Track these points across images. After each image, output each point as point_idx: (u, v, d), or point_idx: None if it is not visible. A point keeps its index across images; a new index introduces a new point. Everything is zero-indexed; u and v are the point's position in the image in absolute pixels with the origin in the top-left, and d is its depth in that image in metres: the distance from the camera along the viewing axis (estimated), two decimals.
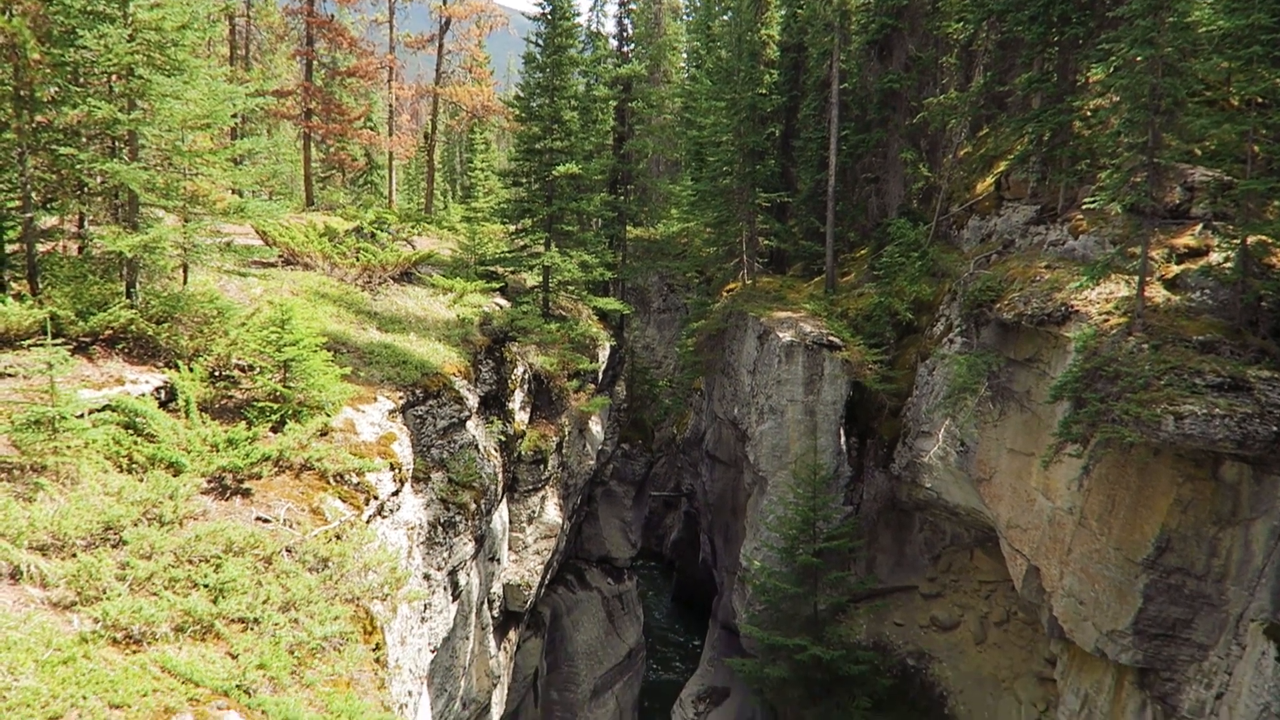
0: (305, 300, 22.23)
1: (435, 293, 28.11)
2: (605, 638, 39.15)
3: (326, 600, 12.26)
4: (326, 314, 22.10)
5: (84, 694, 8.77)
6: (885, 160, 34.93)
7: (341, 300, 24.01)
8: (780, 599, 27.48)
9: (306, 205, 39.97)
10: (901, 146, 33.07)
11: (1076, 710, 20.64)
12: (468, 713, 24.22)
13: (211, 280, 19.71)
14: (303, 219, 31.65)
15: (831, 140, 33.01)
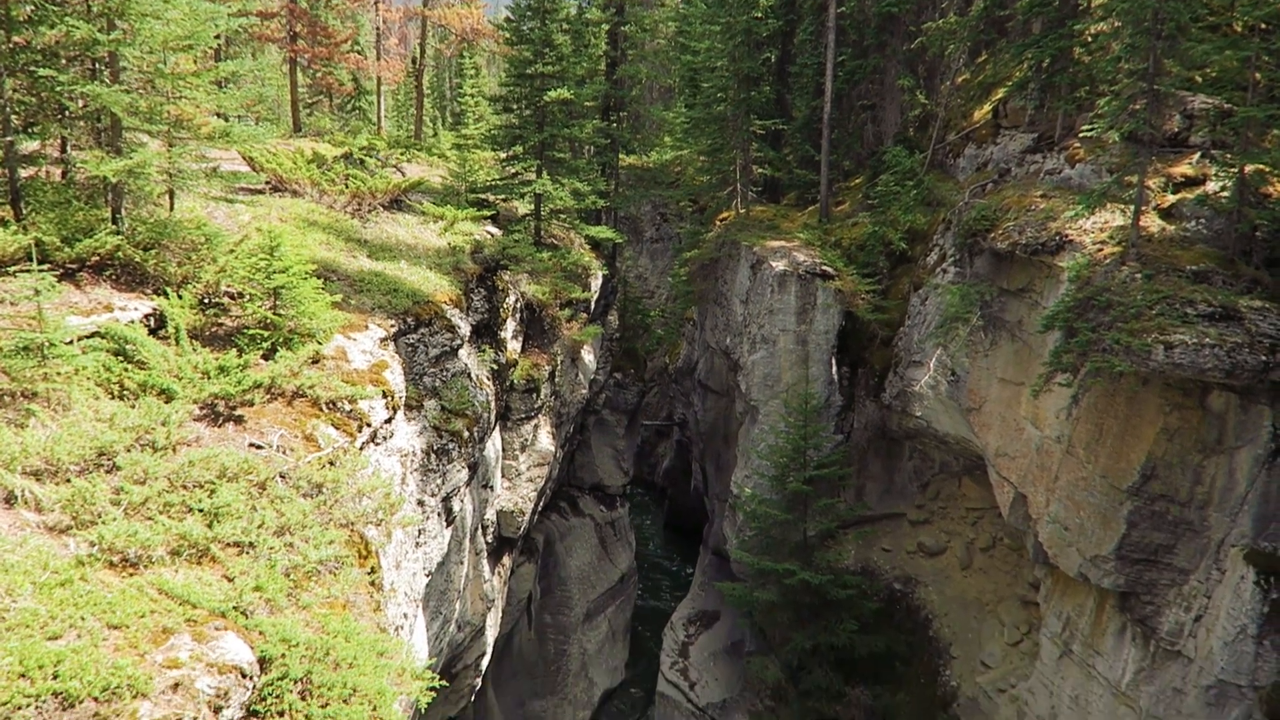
0: (294, 227, 21.99)
1: (426, 220, 27.84)
2: (598, 563, 39.80)
3: (321, 525, 12.39)
4: (316, 241, 21.89)
5: (82, 615, 8.89)
6: (882, 87, 34.40)
7: (331, 228, 23.77)
8: (770, 525, 27.87)
9: (293, 131, 39.30)
10: (899, 73, 32.54)
11: (1058, 632, 21.13)
12: (463, 635, 24.71)
13: (198, 207, 19.47)
14: (290, 145, 31.15)
15: (828, 66, 32.44)
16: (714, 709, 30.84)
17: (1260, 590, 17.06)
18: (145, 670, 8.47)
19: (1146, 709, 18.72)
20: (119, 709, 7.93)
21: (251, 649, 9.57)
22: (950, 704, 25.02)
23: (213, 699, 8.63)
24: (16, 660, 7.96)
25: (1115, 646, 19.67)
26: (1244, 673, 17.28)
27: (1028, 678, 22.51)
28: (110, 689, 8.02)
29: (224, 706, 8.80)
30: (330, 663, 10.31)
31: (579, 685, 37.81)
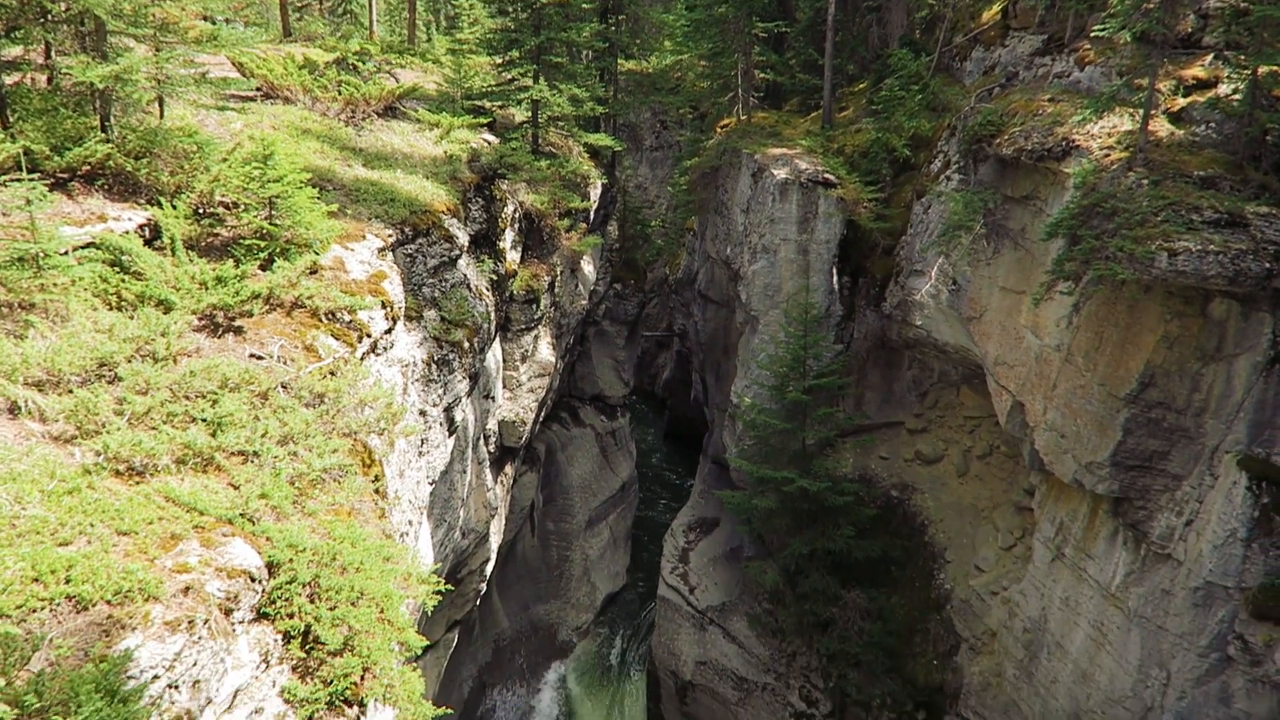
0: (287, 135, 21.60)
1: (421, 128, 27.34)
2: (599, 472, 40.35)
3: (324, 434, 12.49)
4: (310, 150, 21.54)
5: (91, 522, 9.02)
6: None
7: (324, 136, 23.36)
8: (770, 434, 28.13)
9: (284, 36, 38.27)
10: None
11: (1051, 537, 21.52)
12: (467, 542, 25.20)
13: (189, 114, 19.08)
14: (280, 51, 30.37)
15: None
16: (713, 612, 31.64)
17: (1251, 495, 17.31)
18: (156, 575, 8.64)
19: (1134, 609, 19.19)
20: (132, 611, 8.11)
21: (259, 554, 9.76)
22: (943, 606, 25.66)
23: (223, 602, 8.83)
24: (29, 565, 8.11)
25: (1106, 550, 20.05)
26: (1231, 575, 17.65)
27: (1020, 581, 23.02)
28: (122, 592, 8.20)
29: (234, 609, 9.01)
30: (337, 567, 10.52)
31: (582, 589, 38.75)
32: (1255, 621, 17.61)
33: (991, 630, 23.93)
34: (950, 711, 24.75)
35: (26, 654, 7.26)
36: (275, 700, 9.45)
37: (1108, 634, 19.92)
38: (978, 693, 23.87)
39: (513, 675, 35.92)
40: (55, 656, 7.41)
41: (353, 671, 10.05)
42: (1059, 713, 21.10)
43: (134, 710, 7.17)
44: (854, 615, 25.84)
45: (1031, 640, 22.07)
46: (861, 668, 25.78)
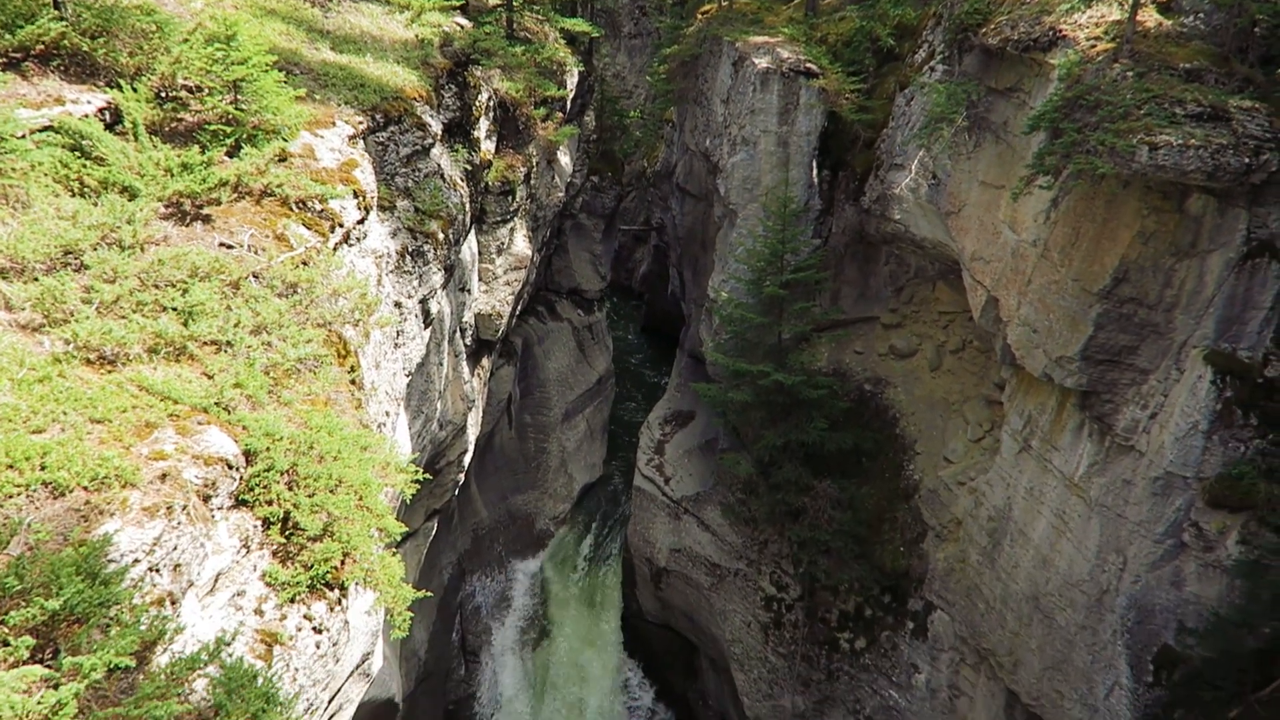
0: (250, 15, 20.72)
1: (391, 10, 26.31)
2: (576, 366, 40.54)
3: (298, 325, 12.39)
4: (275, 31, 20.71)
5: (64, 410, 8.98)
6: None
7: (290, 17, 22.44)
8: (746, 329, 28.25)
9: None
10: None
11: (1019, 430, 21.98)
12: (444, 433, 25.41)
13: None
14: None
15: None
16: (688, 501, 32.34)
17: (1215, 389, 17.68)
18: (132, 462, 8.67)
19: (1096, 499, 19.78)
20: (109, 497, 8.16)
21: (235, 442, 9.79)
22: (912, 495, 26.34)
23: (201, 488, 8.89)
24: (2, 452, 8.09)
25: (1072, 442, 20.53)
26: (1191, 465, 18.18)
27: (986, 472, 23.61)
28: (99, 479, 8.23)
29: (212, 495, 9.09)
30: (315, 456, 10.59)
31: (559, 480, 39.41)
32: (1210, 510, 18.22)
33: (957, 519, 24.65)
34: (915, 595, 25.68)
35: (5, 539, 7.32)
36: (257, 583, 9.64)
37: (1069, 522, 20.57)
38: (942, 577, 24.73)
39: (491, 562, 36.81)
40: (34, 541, 7.47)
41: (333, 556, 10.24)
42: (1018, 596, 21.94)
43: (115, 592, 7.29)
44: (825, 504, 26.47)
45: (995, 528, 22.77)
46: (831, 554, 26.57)
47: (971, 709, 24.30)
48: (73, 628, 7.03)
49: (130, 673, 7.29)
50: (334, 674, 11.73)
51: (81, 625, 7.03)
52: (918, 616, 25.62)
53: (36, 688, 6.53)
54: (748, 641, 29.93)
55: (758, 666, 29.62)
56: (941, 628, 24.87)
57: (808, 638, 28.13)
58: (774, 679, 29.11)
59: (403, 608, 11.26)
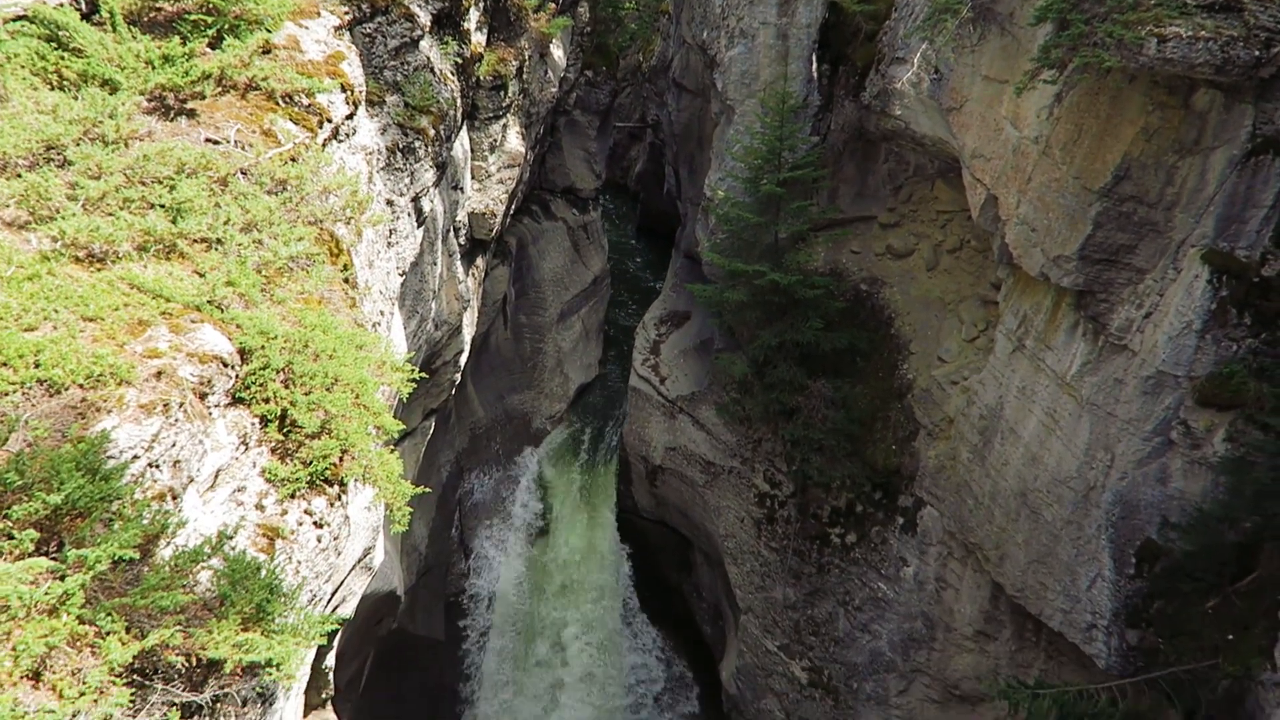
0: None
1: None
2: (571, 266, 40.33)
3: (288, 222, 12.24)
4: None
5: (55, 308, 8.92)
6: None
7: None
8: (742, 228, 28.00)
9: None
10: None
11: (1013, 329, 22.03)
12: (440, 333, 25.43)
13: None
14: None
15: None
16: (683, 401, 32.62)
17: (1211, 288, 17.66)
18: (126, 360, 8.66)
19: (1087, 397, 19.97)
20: (105, 395, 8.18)
21: (230, 340, 9.77)
22: (905, 395, 26.56)
23: (196, 386, 8.91)
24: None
25: (1066, 342, 20.61)
26: (1183, 365, 18.29)
27: (980, 371, 23.75)
28: (94, 377, 8.23)
29: (208, 393, 9.11)
30: (310, 354, 10.59)
31: (555, 380, 39.65)
32: (1199, 408, 18.42)
33: (949, 417, 24.93)
34: (905, 492, 26.17)
35: (3, 435, 7.36)
36: (257, 480, 9.76)
37: (1059, 420, 20.81)
38: (932, 474, 25.15)
39: (489, 460, 37.33)
40: (32, 438, 7.52)
41: (331, 453, 10.34)
42: (1007, 492, 22.36)
43: (116, 488, 7.37)
44: (819, 404, 26.71)
45: (987, 427, 23.05)
46: (824, 452, 26.94)
47: (957, 600, 25.03)
48: (75, 522, 7.13)
49: (134, 565, 7.43)
50: (336, 567, 12.00)
51: (84, 519, 7.13)
52: (907, 512, 26.14)
53: (43, 579, 6.66)
54: (741, 536, 30.61)
55: (750, 560, 30.37)
56: (930, 523, 25.42)
57: (799, 533, 28.76)
58: (766, 572, 29.89)
59: (402, 503, 11.43)
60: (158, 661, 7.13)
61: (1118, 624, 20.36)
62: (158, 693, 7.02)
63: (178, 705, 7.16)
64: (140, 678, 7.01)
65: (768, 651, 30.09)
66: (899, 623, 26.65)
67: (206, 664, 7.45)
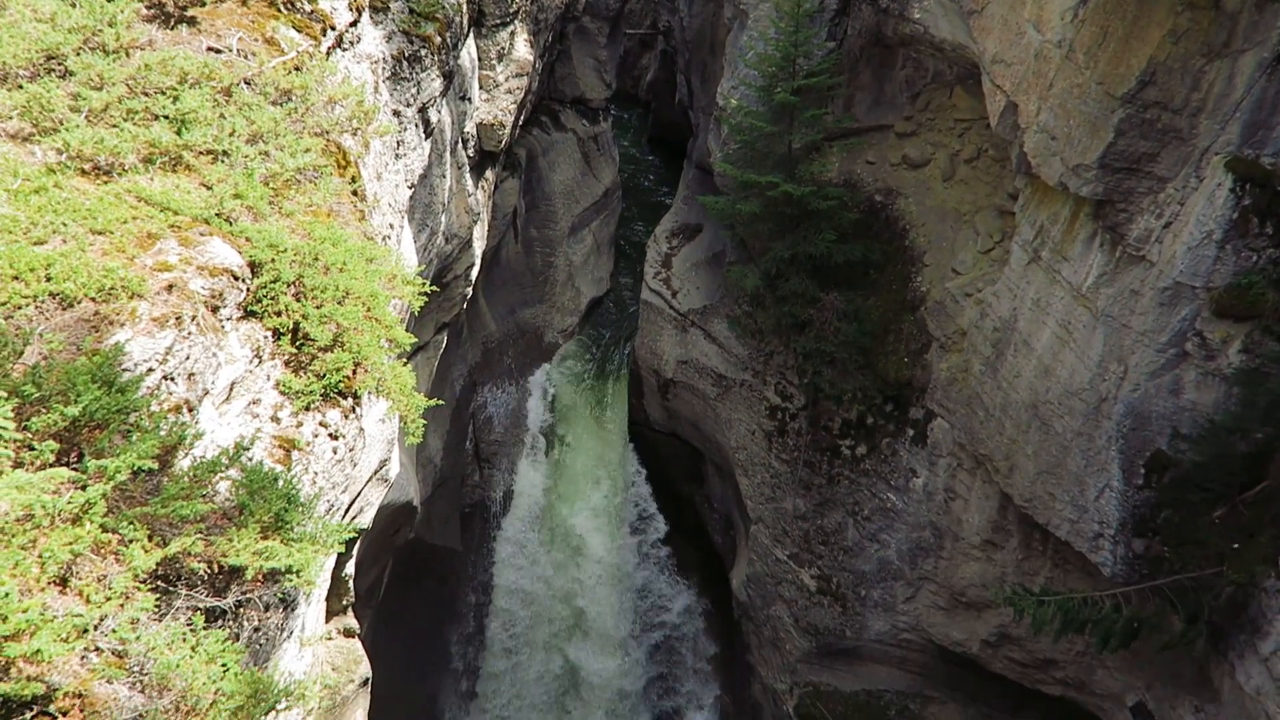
0: None
1: None
2: (581, 178, 39.85)
3: (294, 133, 12.08)
4: None
5: (63, 221, 8.89)
6: None
7: None
8: (755, 138, 27.49)
9: None
10: None
11: (1030, 240, 21.75)
12: (450, 247, 25.30)
13: None
14: None
15: None
16: (694, 314, 32.55)
17: (1234, 197, 17.32)
18: (137, 273, 8.65)
19: (1102, 309, 19.81)
20: (118, 309, 8.20)
21: (239, 254, 9.74)
22: (918, 307, 26.42)
23: (208, 299, 8.92)
24: (6, 263, 8.06)
25: (1082, 253, 20.35)
26: (1200, 275, 18.07)
27: (994, 283, 23.55)
28: (105, 290, 8.24)
29: (220, 306, 9.13)
30: (320, 267, 10.56)
31: (566, 294, 39.58)
32: (1215, 319, 18.27)
33: (962, 330, 24.83)
34: (916, 404, 26.25)
35: (19, 347, 7.40)
36: (271, 392, 9.84)
37: (1073, 332, 20.70)
38: (944, 387, 25.18)
39: (501, 374, 37.52)
40: (48, 351, 7.56)
41: (344, 366, 10.39)
42: (1018, 404, 22.39)
43: (133, 400, 7.44)
44: (831, 316, 26.61)
45: (1000, 339, 22.96)
46: (835, 365, 26.95)
47: (965, 510, 25.33)
48: (94, 433, 7.23)
49: (154, 476, 7.55)
50: (352, 478, 12.19)
51: (102, 431, 7.22)
52: (918, 424, 26.27)
53: (65, 489, 6.78)
54: (752, 449, 30.89)
55: (761, 472, 30.71)
56: (941, 435, 25.56)
57: (810, 445, 28.98)
58: (777, 483, 30.24)
59: (415, 415, 11.54)
60: (180, 568, 7.31)
61: (1124, 533, 20.61)
62: (181, 598, 7.21)
63: (201, 610, 7.36)
64: (164, 584, 7.19)
65: (778, 560, 30.66)
66: (907, 532, 27.04)
67: (228, 571, 7.63)
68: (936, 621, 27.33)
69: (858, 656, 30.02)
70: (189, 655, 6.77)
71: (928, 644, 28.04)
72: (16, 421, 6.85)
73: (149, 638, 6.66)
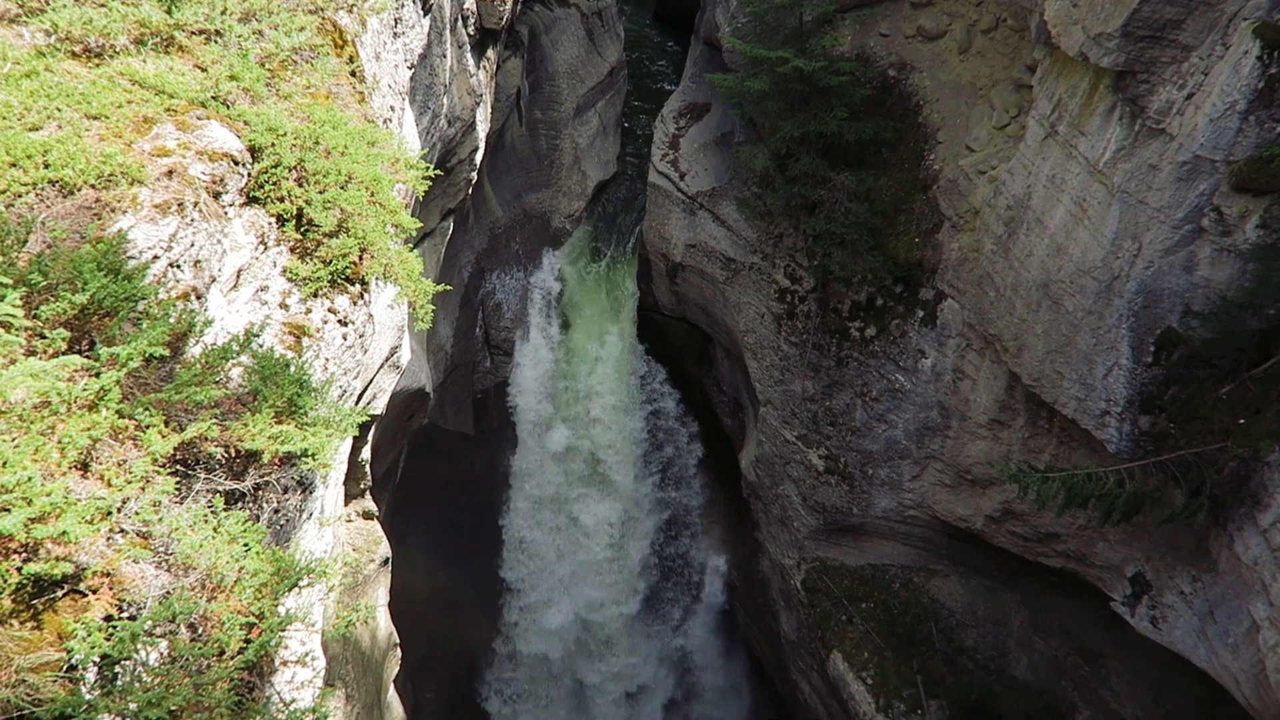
0: None
1: None
2: (586, 57, 38.73)
3: (288, 11, 11.70)
4: None
5: (57, 106, 8.71)
6: None
7: None
8: (765, 10, 26.51)
9: None
10: None
11: (1047, 114, 21.18)
12: (453, 130, 24.81)
13: None
14: None
15: None
16: (703, 197, 32.10)
17: (1260, 65, 16.73)
18: (136, 159, 8.52)
19: (1119, 185, 19.43)
20: (119, 195, 8.10)
21: (238, 138, 9.56)
22: (930, 186, 25.97)
23: (209, 185, 8.80)
24: (3, 150, 7.94)
25: (1101, 126, 19.84)
26: (1221, 148, 17.64)
27: (1009, 160, 23.06)
28: (105, 176, 8.13)
29: (222, 192, 9.01)
30: (321, 151, 10.38)
31: (573, 178, 38.99)
32: (1234, 194, 17.92)
33: (975, 209, 24.46)
34: (927, 285, 26.10)
35: (22, 236, 7.35)
36: (278, 279, 9.81)
37: (1088, 210, 20.36)
38: (955, 267, 24.98)
39: (509, 260, 37.34)
40: (51, 239, 7.51)
41: (350, 251, 10.33)
42: (1029, 283, 22.24)
43: (140, 287, 7.42)
44: (841, 197, 26.20)
45: (1013, 217, 22.63)
46: (845, 246, 26.68)
47: (974, 390, 25.48)
48: (103, 321, 7.24)
49: (166, 363, 7.60)
50: (364, 364, 12.27)
51: (111, 319, 7.23)
52: (928, 305, 26.18)
53: (79, 376, 6.84)
54: (761, 332, 30.93)
55: (770, 355, 30.82)
56: (950, 315, 25.49)
57: (819, 327, 28.99)
58: (785, 366, 30.39)
59: (424, 301, 11.52)
60: (198, 453, 7.43)
61: (1131, 410, 20.75)
62: (200, 481, 7.36)
63: (221, 493, 7.52)
64: (182, 468, 7.33)
65: (786, 441, 31.09)
66: (915, 413, 27.29)
67: (245, 455, 7.76)
68: (942, 499, 27.87)
69: (864, 533, 30.76)
70: (211, 536, 6.95)
71: (932, 520, 28.67)
72: (25, 310, 6.85)
73: (171, 519, 6.82)
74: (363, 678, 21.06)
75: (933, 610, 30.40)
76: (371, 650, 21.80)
